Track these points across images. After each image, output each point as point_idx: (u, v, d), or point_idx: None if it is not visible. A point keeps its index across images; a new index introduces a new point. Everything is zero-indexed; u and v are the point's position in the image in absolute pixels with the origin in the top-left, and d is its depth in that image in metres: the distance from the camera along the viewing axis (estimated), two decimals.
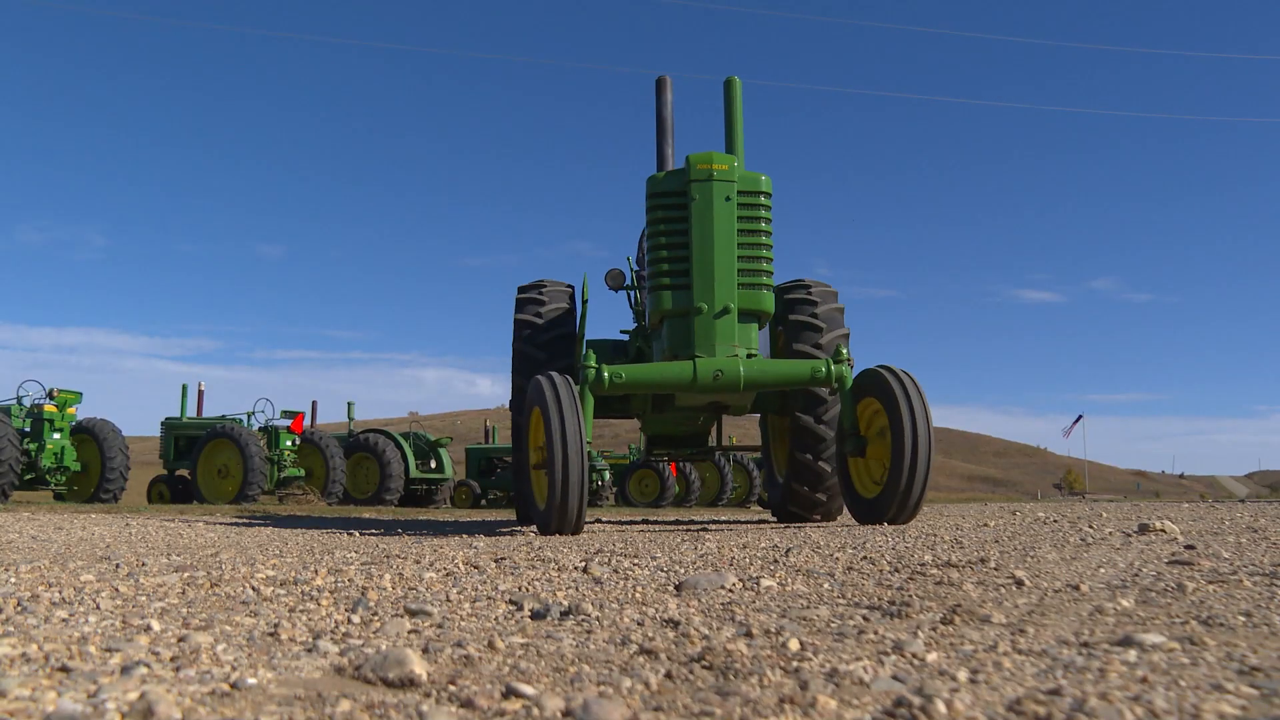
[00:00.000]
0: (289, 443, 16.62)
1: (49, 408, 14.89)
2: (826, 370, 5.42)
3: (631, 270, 7.18)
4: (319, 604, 1.99)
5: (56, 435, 14.86)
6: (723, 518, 8.93)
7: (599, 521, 6.29)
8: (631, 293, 7.31)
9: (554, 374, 5.02)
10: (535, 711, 1.10)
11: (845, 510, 6.36)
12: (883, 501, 5.16)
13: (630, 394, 6.02)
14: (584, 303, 6.83)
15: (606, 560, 2.86)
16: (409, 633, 1.63)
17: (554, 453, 4.67)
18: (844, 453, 5.61)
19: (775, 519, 7.27)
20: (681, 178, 5.48)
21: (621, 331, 7.28)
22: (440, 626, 1.70)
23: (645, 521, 7.57)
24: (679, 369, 5.24)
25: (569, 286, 6.86)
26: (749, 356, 5.38)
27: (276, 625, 1.69)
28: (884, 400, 5.20)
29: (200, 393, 17.78)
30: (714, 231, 5.34)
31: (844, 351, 5.53)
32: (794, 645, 1.43)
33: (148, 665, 1.32)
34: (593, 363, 5.24)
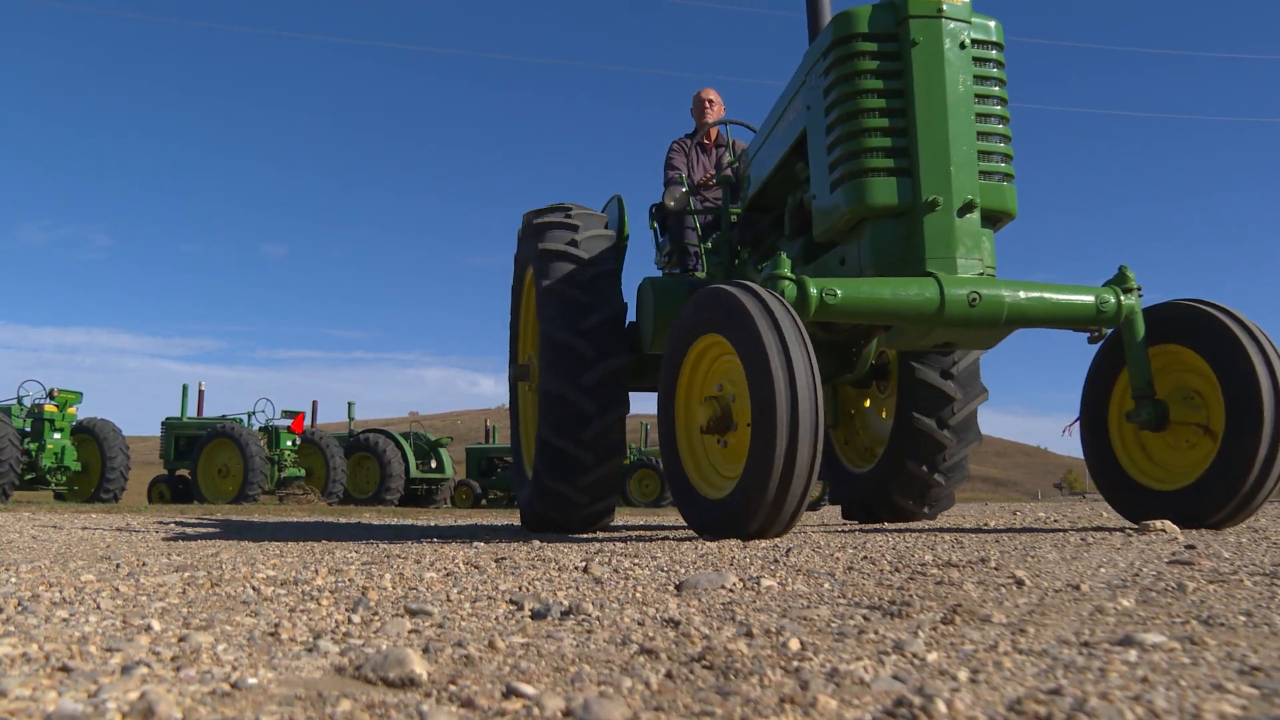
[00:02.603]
0: (289, 442, 16.68)
1: (49, 408, 14.95)
2: (1116, 304, 3.79)
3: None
4: (319, 604, 1.99)
5: (57, 435, 14.92)
6: None
7: None
8: (656, 225, 5.89)
9: (748, 283, 3.42)
10: (535, 711, 1.09)
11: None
12: (1201, 496, 3.67)
13: None
14: (624, 238, 5.19)
15: (607, 560, 2.86)
16: (409, 632, 1.63)
17: (776, 408, 3.09)
18: (1136, 423, 3.91)
19: (855, 520, 5.59)
20: (893, 15, 3.76)
21: (666, 273, 5.76)
22: (441, 626, 1.70)
23: (645, 523, 7.57)
24: (919, 288, 3.51)
25: (597, 213, 5.30)
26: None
27: (277, 625, 1.69)
28: (1210, 351, 3.68)
29: (200, 392, 17.84)
30: (947, 92, 3.68)
31: (1129, 274, 3.90)
32: (794, 645, 1.43)
33: (148, 665, 1.32)
34: (788, 272, 3.54)
